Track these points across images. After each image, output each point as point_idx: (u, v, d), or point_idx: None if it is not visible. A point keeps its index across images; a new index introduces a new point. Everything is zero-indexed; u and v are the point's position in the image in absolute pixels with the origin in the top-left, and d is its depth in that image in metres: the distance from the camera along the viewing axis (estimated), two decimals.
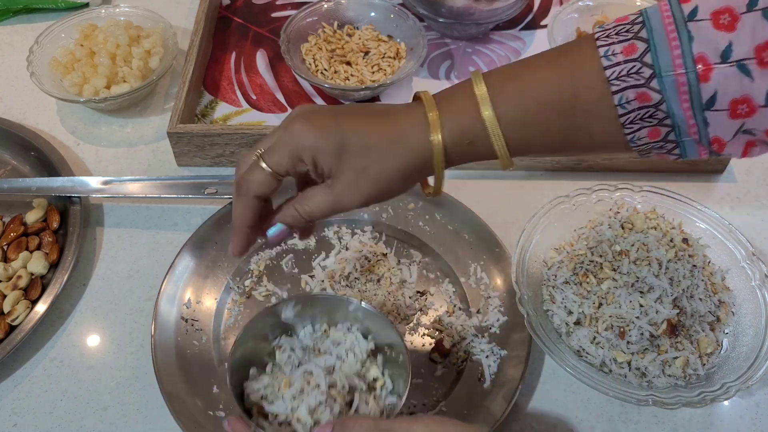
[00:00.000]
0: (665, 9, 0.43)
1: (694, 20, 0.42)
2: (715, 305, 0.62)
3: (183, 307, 0.66)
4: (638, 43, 0.44)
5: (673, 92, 0.43)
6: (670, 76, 0.43)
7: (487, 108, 0.46)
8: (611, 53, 0.44)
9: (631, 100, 0.44)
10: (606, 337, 0.60)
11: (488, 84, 0.47)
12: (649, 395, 0.56)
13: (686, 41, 0.42)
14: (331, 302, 0.58)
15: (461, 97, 0.48)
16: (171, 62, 0.85)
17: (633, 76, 0.44)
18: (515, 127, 0.47)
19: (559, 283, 0.64)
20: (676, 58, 0.42)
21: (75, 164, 0.80)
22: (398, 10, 0.90)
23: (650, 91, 0.44)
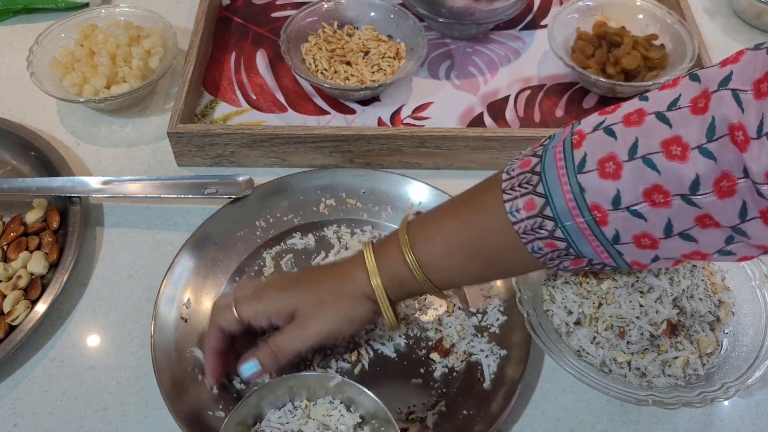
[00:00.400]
0: (560, 157, 0.47)
1: (583, 172, 0.45)
2: (715, 305, 0.62)
3: (182, 307, 0.66)
4: (536, 199, 0.47)
5: (578, 236, 0.47)
6: (570, 224, 0.46)
7: (409, 255, 0.53)
8: (515, 209, 0.48)
9: (542, 247, 0.49)
10: (606, 337, 0.60)
11: (410, 233, 0.54)
12: (649, 395, 0.56)
13: (578, 192, 0.45)
14: (310, 379, 0.57)
15: (392, 246, 0.55)
16: (171, 62, 0.85)
17: (537, 230, 0.48)
18: (434, 271, 0.54)
19: (559, 283, 0.64)
20: (572, 209, 0.46)
21: (75, 164, 0.80)
22: (398, 10, 0.90)
23: (556, 240, 0.48)
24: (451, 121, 0.85)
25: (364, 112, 0.86)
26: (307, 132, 0.76)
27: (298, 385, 0.56)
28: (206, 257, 0.70)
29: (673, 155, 0.42)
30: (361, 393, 0.55)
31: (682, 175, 0.42)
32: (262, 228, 0.73)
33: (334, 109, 0.86)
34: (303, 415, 0.56)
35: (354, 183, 0.75)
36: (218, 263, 0.70)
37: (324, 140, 0.77)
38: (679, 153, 0.42)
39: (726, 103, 0.40)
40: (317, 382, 0.56)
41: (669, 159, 0.42)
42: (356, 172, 0.76)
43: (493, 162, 0.78)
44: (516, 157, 0.51)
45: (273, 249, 0.72)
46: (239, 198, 0.73)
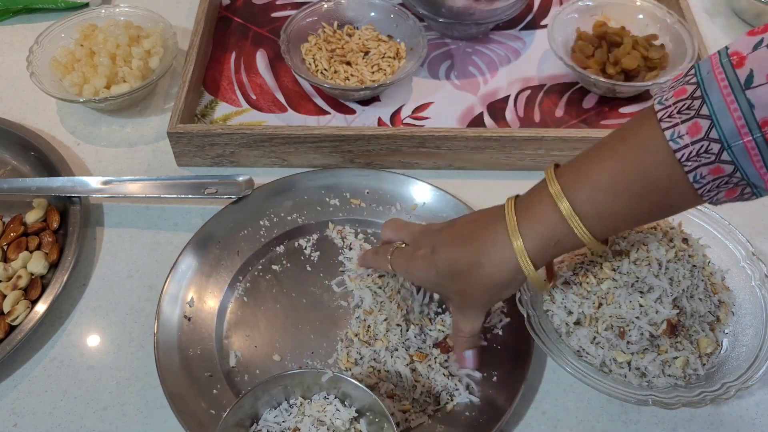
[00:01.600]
0: (721, 77, 0.44)
1: (751, 87, 0.43)
2: (715, 305, 0.62)
3: (186, 306, 0.66)
4: (701, 121, 0.45)
5: (745, 158, 0.44)
6: (738, 144, 0.44)
7: (565, 208, 0.50)
8: (677, 136, 0.46)
9: (705, 174, 0.46)
10: (606, 337, 0.60)
11: (562, 183, 0.51)
12: (649, 395, 0.56)
13: (747, 109, 0.43)
14: (303, 375, 0.57)
15: (539, 201, 0.52)
16: (171, 62, 0.85)
17: (703, 155, 0.45)
18: (596, 219, 0.50)
19: (559, 283, 0.64)
20: (741, 128, 0.43)
21: (75, 164, 0.80)
22: (398, 10, 0.90)
23: (722, 164, 0.45)
24: (451, 121, 0.85)
25: (364, 112, 0.86)
26: (307, 132, 0.76)
27: (292, 383, 0.57)
28: (210, 256, 0.70)
29: None
30: (355, 387, 0.55)
31: None
32: (266, 227, 0.73)
33: (334, 109, 0.86)
34: (298, 412, 0.56)
35: (358, 183, 0.75)
36: (222, 262, 0.70)
37: (324, 140, 0.77)
38: None
39: None
40: (310, 378, 0.56)
41: None
42: (360, 172, 0.76)
43: (493, 162, 0.78)
44: (663, 90, 0.48)
45: (277, 248, 0.72)
46: (241, 198, 0.73)
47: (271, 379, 0.56)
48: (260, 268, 0.71)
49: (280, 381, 0.56)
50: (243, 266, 0.70)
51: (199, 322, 0.66)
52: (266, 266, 0.71)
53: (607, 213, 0.50)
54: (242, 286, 0.69)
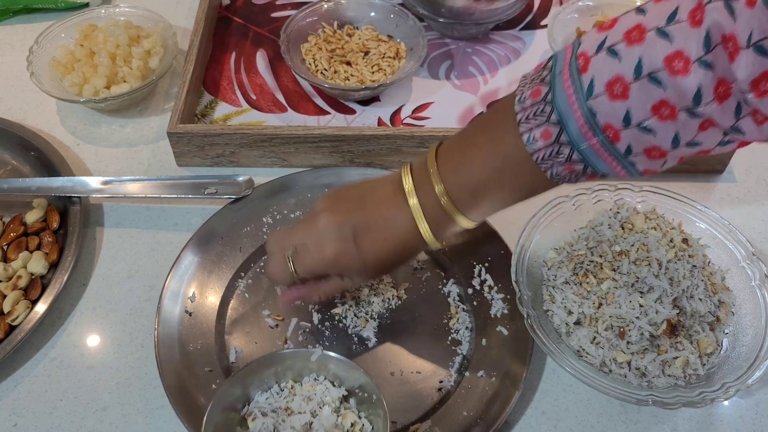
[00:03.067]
0: (567, 85, 0.48)
1: (592, 97, 0.46)
2: (715, 305, 0.62)
3: (187, 301, 0.67)
4: (551, 128, 0.49)
5: (593, 156, 0.48)
6: (585, 146, 0.48)
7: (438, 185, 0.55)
8: (532, 140, 0.50)
9: (561, 171, 0.50)
10: (606, 337, 0.60)
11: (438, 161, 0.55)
12: (649, 395, 0.56)
13: (590, 117, 0.47)
14: (293, 357, 0.57)
15: (428, 191, 0.56)
16: (171, 62, 0.85)
17: (555, 157, 0.49)
18: (471, 211, 0.56)
19: (559, 283, 0.64)
20: (585, 132, 0.47)
21: (75, 164, 0.80)
22: (398, 10, 0.90)
23: (574, 164, 0.50)
24: (451, 121, 0.85)
25: (364, 112, 0.86)
26: (307, 132, 0.76)
27: (282, 366, 0.57)
28: (212, 252, 0.70)
29: (676, 70, 0.43)
30: (345, 366, 0.56)
31: (685, 88, 0.43)
32: (268, 224, 0.73)
33: (334, 109, 0.86)
34: (290, 393, 0.57)
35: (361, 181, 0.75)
36: (224, 258, 0.70)
37: (324, 140, 0.77)
38: (682, 67, 0.43)
39: (719, 13, 0.41)
40: (301, 360, 0.57)
41: (672, 74, 0.43)
42: (364, 171, 0.76)
43: None
44: (523, 83, 0.52)
45: None
46: (241, 197, 0.73)
47: (260, 359, 0.57)
48: (262, 264, 0.71)
49: (270, 362, 0.57)
50: (245, 263, 0.71)
51: (199, 318, 0.66)
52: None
53: (478, 204, 0.55)
54: (243, 282, 0.70)
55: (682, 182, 0.77)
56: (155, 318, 0.64)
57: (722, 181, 0.79)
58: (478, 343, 0.65)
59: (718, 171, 0.79)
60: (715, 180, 0.79)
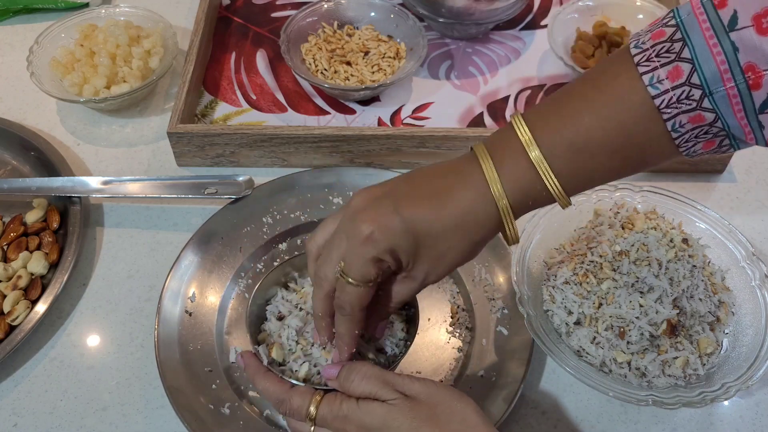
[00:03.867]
0: (702, 19, 0.42)
1: (735, 29, 0.40)
2: (715, 305, 0.62)
3: (187, 301, 0.67)
4: (683, 65, 0.42)
5: (726, 106, 0.42)
6: (720, 91, 0.42)
7: (534, 152, 0.45)
8: (656, 81, 0.43)
9: (685, 123, 0.43)
10: (606, 337, 0.60)
11: (538, 141, 0.46)
12: (649, 395, 0.56)
13: (731, 53, 0.41)
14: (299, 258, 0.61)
15: (513, 155, 0.46)
16: (171, 62, 0.85)
17: (684, 102, 0.42)
18: (572, 178, 0.46)
19: (559, 283, 0.64)
20: (724, 73, 0.41)
21: (75, 164, 0.80)
22: (398, 10, 0.90)
23: (703, 112, 0.43)
24: (451, 121, 0.85)
25: (364, 112, 0.86)
26: (307, 132, 0.76)
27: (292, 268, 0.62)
28: (212, 252, 0.70)
29: None
30: None
31: None
32: (269, 224, 0.73)
33: (334, 109, 0.86)
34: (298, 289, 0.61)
35: (362, 182, 0.75)
36: (224, 258, 0.70)
37: (324, 140, 0.77)
38: None
39: None
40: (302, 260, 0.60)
41: None
42: (365, 171, 0.76)
43: None
44: (639, 34, 0.46)
45: (279, 245, 0.72)
46: (241, 198, 0.73)
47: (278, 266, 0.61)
48: (262, 265, 0.71)
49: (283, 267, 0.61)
50: (245, 263, 0.71)
51: (199, 318, 0.66)
52: (268, 263, 0.71)
53: (582, 171, 0.46)
54: (244, 282, 0.70)
55: (682, 182, 0.77)
56: (155, 318, 0.64)
57: (722, 181, 0.79)
58: (478, 344, 0.65)
59: (718, 171, 0.79)
60: (715, 180, 0.79)
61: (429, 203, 0.47)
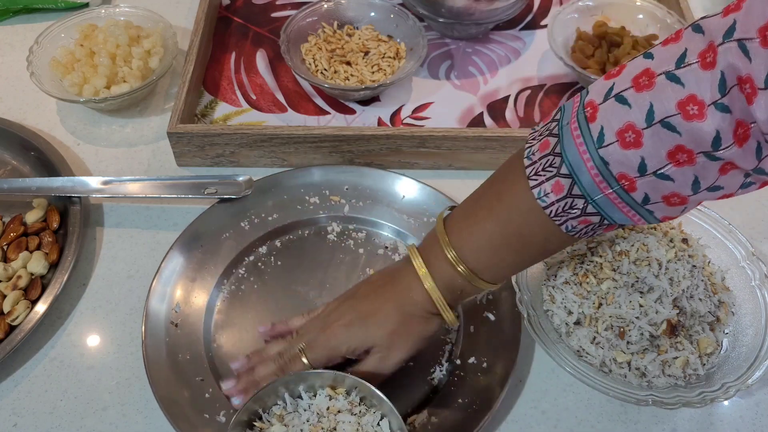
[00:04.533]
0: (576, 134, 0.46)
1: (603, 146, 0.45)
2: (715, 305, 0.62)
3: (172, 312, 0.66)
4: (563, 180, 0.47)
5: (609, 207, 0.47)
6: (600, 197, 0.46)
7: (450, 253, 0.53)
8: (544, 194, 0.48)
9: (576, 225, 0.49)
10: (606, 337, 0.60)
11: (449, 232, 0.54)
12: (649, 395, 0.56)
13: (602, 166, 0.45)
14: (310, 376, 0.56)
15: (438, 255, 0.54)
16: (171, 62, 0.85)
17: (569, 211, 0.48)
18: (486, 272, 0.54)
19: (559, 283, 0.64)
20: (599, 183, 0.46)
21: (75, 164, 0.80)
22: (398, 10, 0.90)
23: (589, 216, 0.48)
24: (451, 121, 0.85)
25: (364, 112, 0.86)
26: (307, 132, 0.76)
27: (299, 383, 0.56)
28: (193, 260, 0.70)
29: (690, 115, 0.42)
30: (342, 378, 0.56)
31: (702, 132, 0.42)
32: (247, 229, 0.73)
33: (334, 109, 0.86)
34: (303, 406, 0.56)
35: (336, 180, 0.76)
36: (205, 266, 0.70)
37: (324, 140, 0.77)
38: (697, 111, 0.42)
39: (733, 55, 0.40)
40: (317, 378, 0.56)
41: (687, 119, 0.42)
42: (340, 169, 0.76)
43: (493, 162, 0.78)
44: (532, 137, 0.51)
45: (260, 249, 0.72)
46: (237, 198, 0.73)
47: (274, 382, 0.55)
48: (244, 270, 0.71)
49: (285, 381, 0.56)
50: (227, 269, 0.70)
51: (186, 328, 0.66)
52: (250, 268, 0.71)
53: (492, 266, 0.54)
54: (227, 288, 0.69)
55: None
56: (142, 327, 0.64)
57: None
58: (466, 331, 0.65)
59: None
60: None
61: (375, 296, 0.57)
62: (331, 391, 0.56)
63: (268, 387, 0.55)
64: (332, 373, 0.56)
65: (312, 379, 0.56)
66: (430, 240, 0.56)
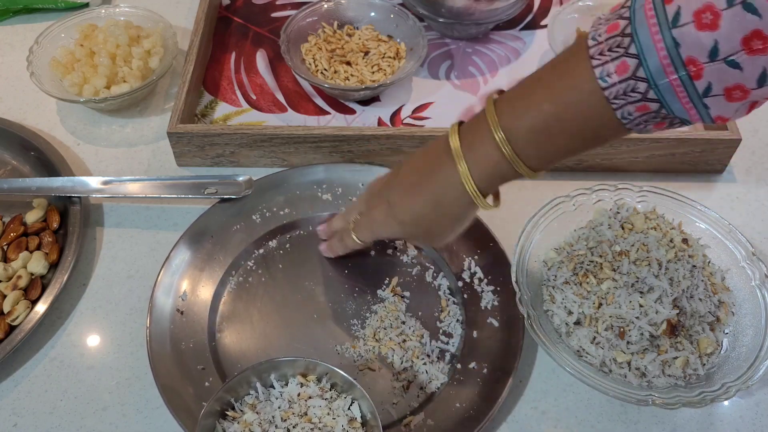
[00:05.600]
0: (651, 14, 0.44)
1: (678, 26, 0.43)
2: (715, 305, 0.62)
3: (179, 300, 0.67)
4: (629, 60, 0.45)
5: (670, 94, 0.45)
6: (664, 82, 0.45)
7: (498, 133, 0.51)
8: (606, 74, 0.46)
9: (633, 112, 0.47)
10: (606, 337, 0.60)
11: (498, 110, 0.52)
12: (649, 395, 0.56)
13: (673, 48, 0.43)
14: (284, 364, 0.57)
15: (482, 139, 0.53)
16: (171, 62, 0.85)
17: (630, 94, 0.46)
18: (535, 158, 0.52)
19: (559, 283, 0.64)
20: (666, 66, 0.44)
21: (75, 164, 0.80)
22: (398, 10, 0.90)
23: (648, 102, 0.46)
24: (451, 121, 0.84)
25: (364, 112, 0.86)
26: (307, 132, 0.76)
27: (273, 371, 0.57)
28: (202, 251, 0.71)
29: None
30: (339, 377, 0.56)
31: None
32: (258, 223, 0.73)
33: (334, 109, 0.86)
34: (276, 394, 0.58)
35: (350, 177, 0.76)
36: (214, 256, 0.71)
37: (324, 140, 0.77)
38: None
39: None
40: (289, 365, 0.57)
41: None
42: (353, 167, 0.76)
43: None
44: (599, 23, 0.49)
45: (270, 243, 0.73)
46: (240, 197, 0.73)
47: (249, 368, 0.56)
48: (252, 262, 0.71)
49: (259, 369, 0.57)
50: (235, 260, 0.71)
51: (191, 316, 0.66)
52: (259, 261, 0.71)
53: (543, 151, 0.52)
54: (234, 280, 0.70)
55: (682, 182, 0.77)
56: (147, 316, 0.64)
57: (722, 181, 0.79)
58: (469, 336, 0.65)
59: (718, 171, 0.79)
60: (715, 180, 0.79)
61: (411, 191, 0.57)
62: (302, 378, 0.57)
63: (239, 376, 0.56)
64: (304, 361, 0.56)
65: (284, 367, 0.57)
66: (476, 122, 0.54)
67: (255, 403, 0.56)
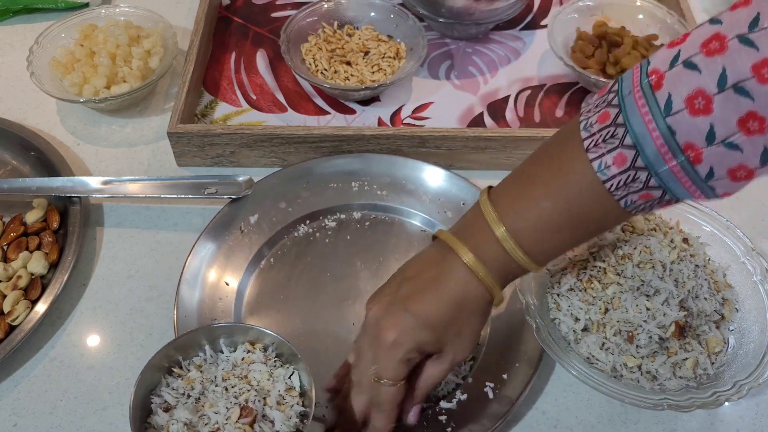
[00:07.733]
0: (641, 103, 0.44)
1: (671, 113, 0.43)
2: (719, 303, 0.62)
3: (205, 287, 0.67)
4: (626, 151, 0.45)
5: (672, 180, 0.45)
6: (664, 170, 0.45)
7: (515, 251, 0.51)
8: (604, 167, 0.46)
9: (636, 200, 0.47)
10: (615, 342, 0.59)
11: (496, 207, 0.51)
12: (664, 399, 0.56)
13: (668, 135, 0.44)
14: (225, 329, 0.59)
15: (487, 241, 0.52)
16: (171, 62, 0.85)
17: (631, 184, 0.46)
18: (540, 253, 0.52)
19: (564, 290, 0.63)
20: (665, 154, 0.44)
21: (75, 164, 0.80)
22: (398, 10, 0.90)
23: (651, 190, 0.46)
24: (451, 121, 0.85)
25: (364, 112, 0.86)
26: (307, 132, 0.76)
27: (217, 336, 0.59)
28: (230, 237, 0.71)
29: (765, 78, 0.40)
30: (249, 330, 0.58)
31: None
32: (287, 210, 0.74)
33: (334, 109, 0.86)
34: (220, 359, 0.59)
35: (383, 169, 0.76)
36: (243, 243, 0.71)
37: (324, 140, 0.76)
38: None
39: None
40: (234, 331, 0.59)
41: (762, 83, 0.40)
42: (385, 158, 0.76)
43: (493, 162, 0.78)
44: (587, 109, 0.49)
45: (299, 228, 0.74)
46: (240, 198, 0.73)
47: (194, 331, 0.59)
48: (280, 250, 0.72)
49: (203, 334, 0.59)
50: (260, 250, 0.71)
51: (218, 303, 0.67)
52: (287, 248, 0.72)
53: (548, 246, 0.52)
54: (262, 266, 0.71)
55: None
56: (174, 305, 0.65)
57: None
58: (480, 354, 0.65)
59: None
60: None
61: (430, 296, 0.53)
62: (250, 346, 0.59)
63: (191, 334, 0.58)
64: (256, 330, 0.58)
65: (236, 334, 0.59)
66: (470, 223, 0.53)
67: (201, 365, 0.58)
